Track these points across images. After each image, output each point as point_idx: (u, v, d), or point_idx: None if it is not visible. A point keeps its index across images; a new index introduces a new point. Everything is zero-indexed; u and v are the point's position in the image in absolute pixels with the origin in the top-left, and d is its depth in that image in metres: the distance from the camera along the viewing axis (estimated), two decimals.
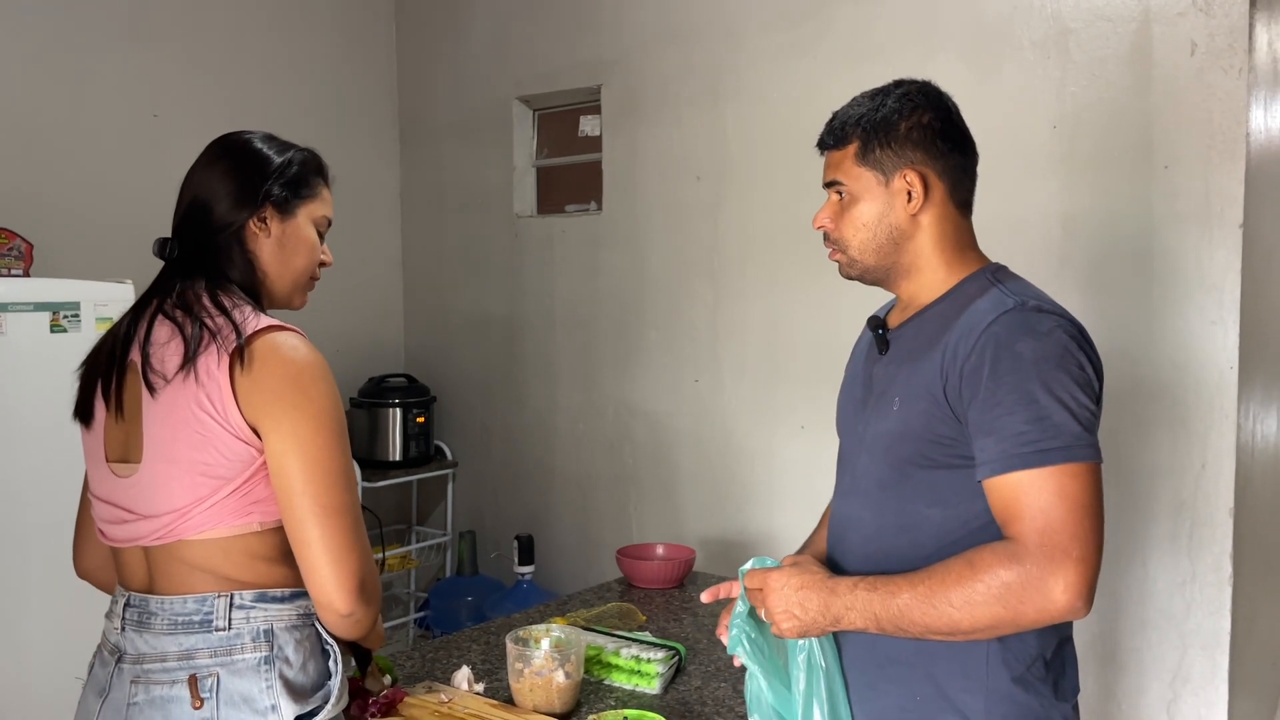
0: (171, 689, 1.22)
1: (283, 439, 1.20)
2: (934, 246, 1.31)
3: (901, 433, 1.26)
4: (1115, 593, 2.40)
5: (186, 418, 1.22)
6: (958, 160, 1.32)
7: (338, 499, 1.21)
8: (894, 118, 1.29)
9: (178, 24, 3.29)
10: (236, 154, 1.35)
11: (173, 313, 1.27)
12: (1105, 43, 2.39)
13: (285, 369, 1.23)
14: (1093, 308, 2.41)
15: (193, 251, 1.31)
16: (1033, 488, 1.13)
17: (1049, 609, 1.11)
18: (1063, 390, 1.15)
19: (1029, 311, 1.20)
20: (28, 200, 2.83)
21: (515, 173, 3.60)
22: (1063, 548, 1.11)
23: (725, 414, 3.09)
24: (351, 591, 1.20)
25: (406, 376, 3.73)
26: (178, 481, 1.23)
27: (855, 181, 1.31)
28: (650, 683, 1.66)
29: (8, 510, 2.30)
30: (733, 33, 3.00)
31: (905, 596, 1.17)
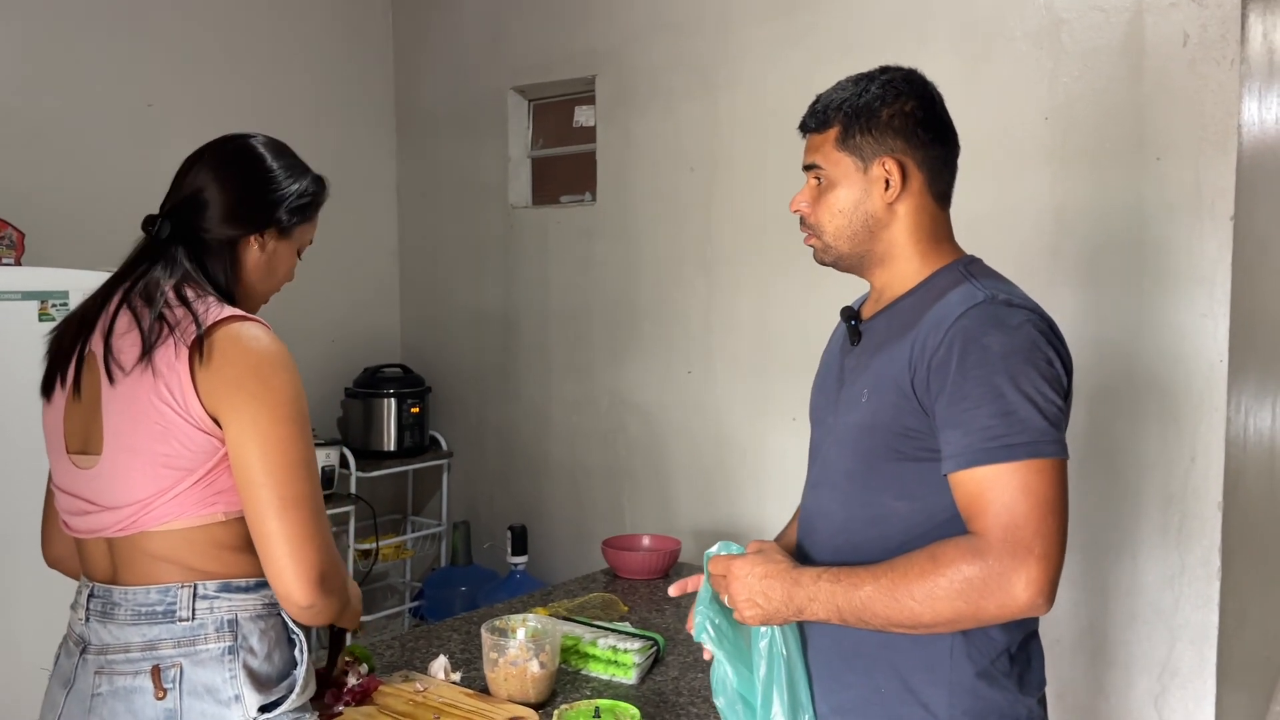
0: (135, 679, 1.23)
1: (243, 429, 1.20)
2: (909, 236, 1.30)
3: (870, 425, 1.26)
4: (1104, 586, 2.39)
5: (146, 409, 1.22)
6: (938, 151, 1.30)
7: (297, 490, 1.20)
8: (876, 104, 1.28)
9: (173, 14, 3.29)
10: (254, 168, 1.36)
11: (134, 302, 1.27)
12: (1098, 33, 2.37)
13: (245, 358, 1.22)
14: (1083, 300, 2.40)
15: (179, 239, 1.31)
16: (997, 483, 1.12)
17: (1010, 605, 1.11)
18: (1030, 385, 1.14)
19: (999, 305, 1.19)
20: (21, 190, 2.83)
21: (510, 163, 3.59)
22: (1025, 544, 1.10)
23: (718, 405, 3.09)
24: (311, 583, 1.20)
25: (402, 367, 3.73)
26: (139, 473, 1.23)
27: (834, 166, 1.29)
28: (627, 673, 1.67)
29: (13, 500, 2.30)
30: (726, 23, 2.99)
31: (868, 589, 1.16)
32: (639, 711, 1.48)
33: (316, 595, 1.20)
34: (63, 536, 1.35)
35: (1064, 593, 2.40)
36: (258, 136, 1.41)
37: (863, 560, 1.23)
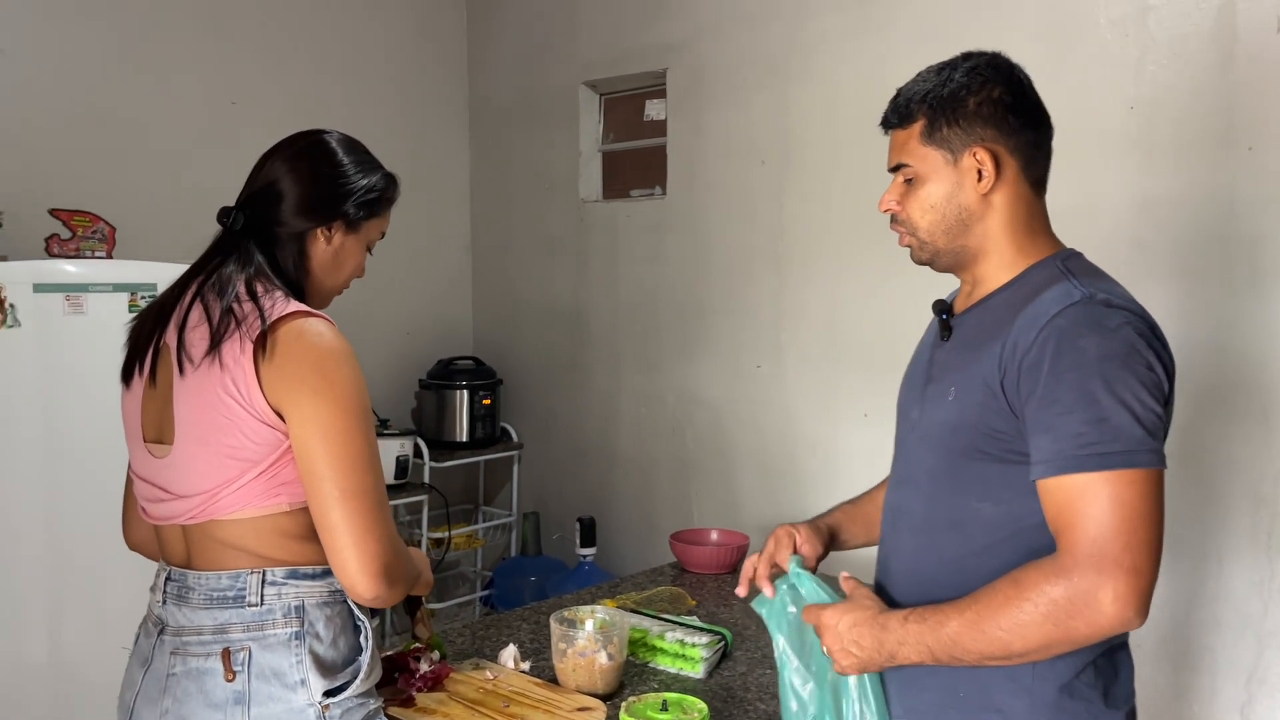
0: (207, 661, 1.26)
1: (305, 423, 1.23)
2: (1004, 228, 1.25)
3: (955, 423, 1.22)
4: (1188, 590, 2.32)
5: (213, 402, 1.25)
6: (1031, 136, 1.26)
7: (359, 482, 1.22)
8: (962, 93, 1.23)
9: (256, 14, 3.38)
10: (326, 161, 1.39)
11: (207, 296, 1.30)
12: (1186, 19, 2.29)
13: (308, 354, 1.24)
14: (1170, 295, 2.33)
15: (252, 230, 1.35)
16: (1087, 493, 1.08)
17: (1099, 622, 1.07)
18: (1126, 391, 1.09)
19: (1097, 305, 1.14)
20: (112, 185, 2.94)
21: (581, 158, 3.61)
22: (1113, 557, 1.06)
23: (786, 401, 3.07)
24: (374, 575, 1.22)
25: (474, 359, 3.78)
26: (206, 464, 1.26)
27: (922, 162, 1.25)
28: (694, 666, 1.67)
29: (87, 482, 2.39)
30: (799, 13, 2.96)
31: (954, 625, 1.13)
32: (706, 706, 1.48)
33: (381, 586, 1.23)
34: (142, 521, 1.40)
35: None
36: (332, 133, 1.43)
37: (944, 562, 1.23)
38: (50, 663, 2.37)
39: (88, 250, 2.66)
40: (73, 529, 2.38)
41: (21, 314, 2.30)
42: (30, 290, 2.32)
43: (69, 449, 2.36)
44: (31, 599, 2.36)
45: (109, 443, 2.40)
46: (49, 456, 2.34)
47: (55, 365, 2.34)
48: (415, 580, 1.38)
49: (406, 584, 1.31)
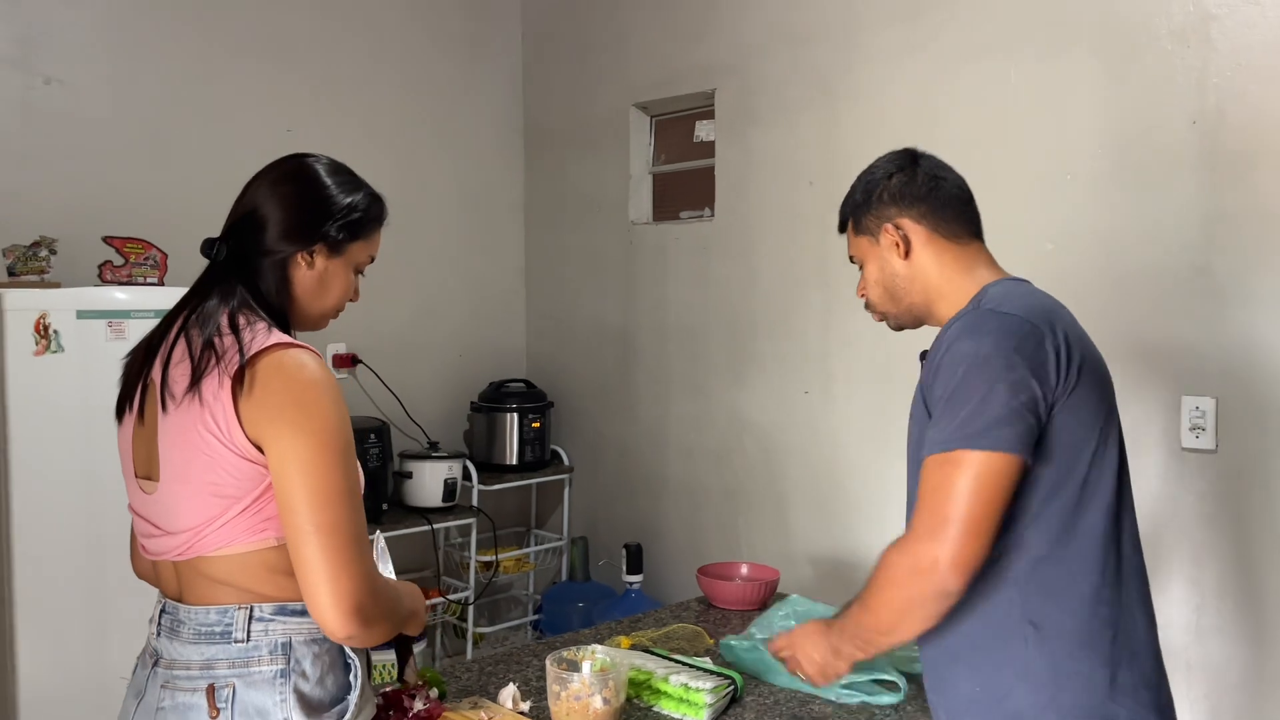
0: (193, 696, 1.25)
1: (282, 457, 1.21)
2: (938, 279, 1.46)
3: (917, 439, 1.38)
4: (1256, 635, 2.16)
5: (194, 439, 1.24)
6: (930, 203, 1.46)
7: (334, 517, 1.20)
8: (868, 190, 1.50)
9: (311, 43, 3.44)
10: (305, 184, 1.37)
11: (190, 330, 1.29)
12: (1251, 30, 2.16)
13: (287, 387, 1.23)
14: (1233, 321, 2.18)
15: (235, 261, 1.33)
16: (933, 472, 1.28)
17: (932, 581, 1.24)
18: (983, 384, 1.26)
19: (981, 313, 1.34)
20: (166, 212, 3.01)
21: (631, 180, 3.58)
22: (933, 527, 1.24)
23: (835, 428, 2.98)
24: (346, 614, 1.19)
25: (525, 382, 3.78)
26: (190, 501, 1.25)
27: (859, 250, 1.52)
28: (698, 713, 1.60)
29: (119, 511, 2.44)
30: (847, 31, 2.89)
31: (855, 612, 1.35)
32: None
33: (354, 626, 1.20)
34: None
35: (1210, 640, 2.19)
36: (317, 156, 1.41)
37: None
38: (89, 679, 2.42)
39: (139, 277, 2.73)
40: (111, 546, 2.42)
41: (65, 340, 2.37)
42: (74, 316, 2.39)
43: (107, 470, 2.40)
44: (73, 614, 2.42)
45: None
46: (88, 477, 2.40)
47: (96, 389, 2.37)
48: (402, 619, 1.34)
49: (389, 623, 1.28)
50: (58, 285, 2.59)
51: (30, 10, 2.90)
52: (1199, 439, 2.24)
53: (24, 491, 2.36)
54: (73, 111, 2.96)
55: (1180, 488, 2.27)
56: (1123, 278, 2.36)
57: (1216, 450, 2.22)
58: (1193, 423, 2.25)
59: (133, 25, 3.07)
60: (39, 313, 2.35)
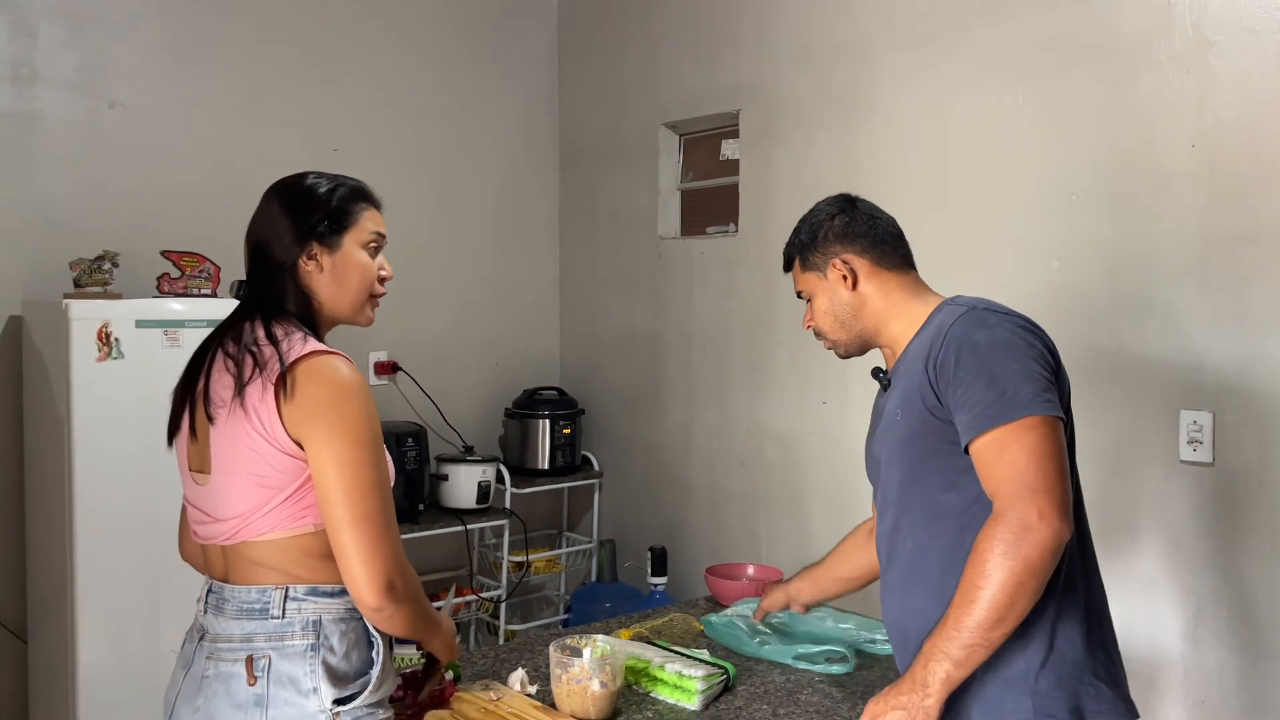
0: (234, 666, 1.40)
1: (319, 453, 1.36)
2: (886, 304, 1.60)
3: (907, 435, 1.51)
4: (1250, 644, 2.23)
5: (241, 437, 1.39)
6: (869, 240, 1.62)
7: (368, 506, 1.35)
8: (813, 231, 1.66)
9: (357, 67, 3.63)
10: (284, 196, 1.50)
11: (228, 348, 1.45)
12: (1249, 55, 2.23)
13: (322, 390, 1.37)
14: (1231, 337, 2.25)
15: (258, 289, 1.49)
16: (999, 443, 1.36)
17: (1040, 540, 1.31)
18: (1013, 362, 1.39)
19: (980, 312, 1.48)
20: (220, 227, 3.16)
21: (660, 196, 3.72)
22: (1030, 485, 1.33)
23: (852, 436, 3.07)
24: (379, 590, 1.34)
25: (558, 390, 3.92)
26: (238, 491, 1.41)
27: (806, 285, 1.67)
28: (690, 698, 1.72)
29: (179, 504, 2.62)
30: (865, 54, 2.99)
31: (949, 616, 1.35)
32: None
33: (385, 599, 1.35)
34: (190, 539, 1.56)
35: (1207, 648, 2.25)
36: (297, 175, 1.54)
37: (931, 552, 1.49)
38: (147, 664, 2.60)
39: (195, 289, 2.92)
40: (164, 536, 2.60)
41: (125, 347, 2.56)
42: (133, 326, 2.58)
43: (162, 467, 2.57)
44: (128, 598, 2.61)
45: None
46: (143, 473, 2.59)
47: (152, 394, 2.55)
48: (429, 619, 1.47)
49: (416, 606, 1.42)
50: (119, 296, 2.79)
51: (95, 40, 3.11)
52: (1196, 452, 2.31)
53: (85, 486, 2.55)
54: (134, 133, 3.18)
55: (1178, 499, 2.34)
56: (1124, 294, 2.43)
57: (1213, 463, 2.29)
58: (1190, 436, 2.32)
59: (190, 53, 3.28)
60: (101, 322, 2.55)
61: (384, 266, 1.55)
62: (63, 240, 2.97)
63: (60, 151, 3.06)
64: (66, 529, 2.55)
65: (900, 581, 1.56)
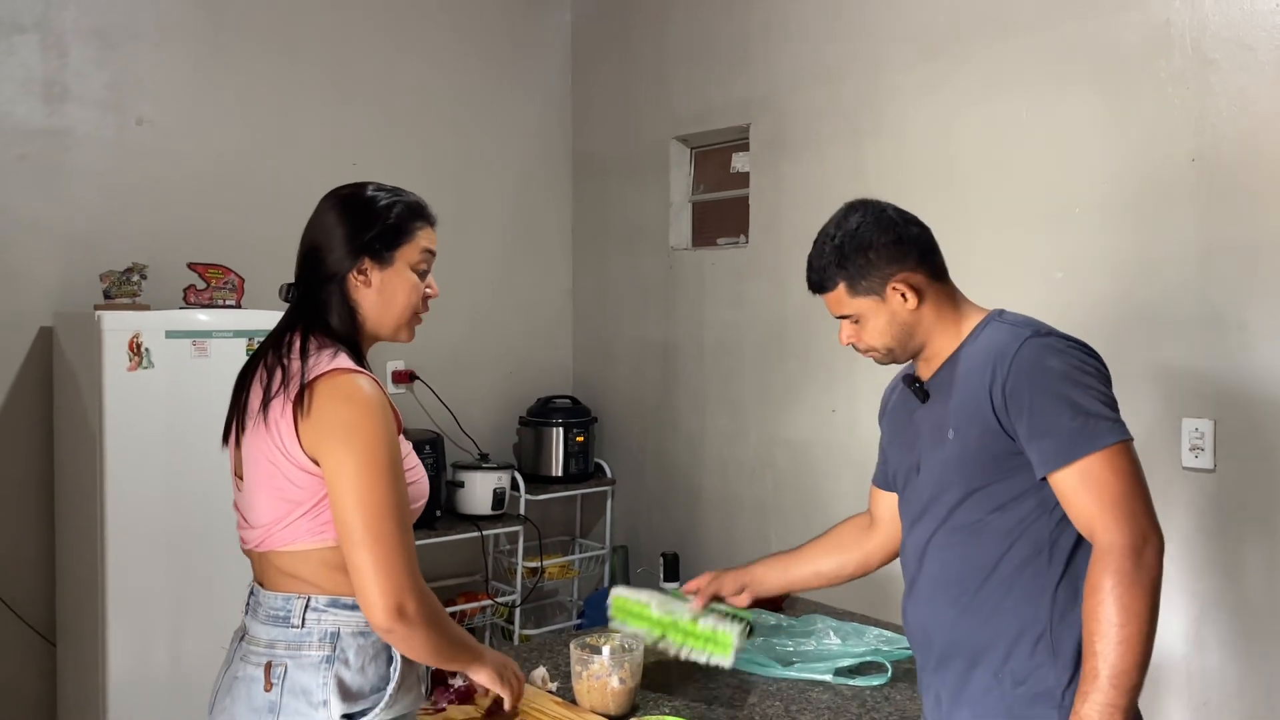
0: (256, 670, 1.42)
1: (334, 472, 1.36)
2: (938, 317, 1.56)
3: (961, 456, 1.49)
4: (1251, 648, 2.28)
5: (266, 451, 1.41)
6: (919, 249, 1.56)
7: (380, 527, 1.34)
8: (858, 256, 1.54)
9: (375, 84, 3.72)
10: (343, 205, 1.49)
11: (269, 359, 1.45)
12: (1246, 73, 2.29)
13: (337, 409, 1.37)
14: (1230, 347, 2.31)
15: (305, 298, 1.48)
16: (1089, 471, 1.37)
17: (1155, 559, 1.35)
18: (1090, 390, 1.41)
19: (1043, 338, 1.47)
20: (244, 240, 3.30)
21: (672, 208, 3.79)
22: (1130, 511, 1.36)
23: (860, 445, 3.13)
24: (389, 610, 1.32)
25: (571, 398, 3.99)
26: (264, 502, 1.43)
27: (858, 310, 1.57)
28: (726, 651, 1.77)
29: (209, 509, 2.70)
30: (873, 71, 3.07)
31: (1098, 678, 1.33)
32: None
33: (395, 621, 1.33)
34: None
35: (1211, 650, 2.30)
36: (359, 184, 1.53)
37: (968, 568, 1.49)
38: (175, 668, 2.68)
39: (220, 300, 3.01)
40: (193, 540, 2.70)
41: (155, 357, 2.64)
42: (163, 336, 2.66)
43: (190, 474, 2.68)
44: (157, 605, 2.68)
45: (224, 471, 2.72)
46: (173, 480, 2.67)
47: (181, 402, 2.67)
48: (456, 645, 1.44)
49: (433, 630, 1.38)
50: (147, 307, 2.87)
51: (124, 59, 3.21)
52: (1198, 459, 2.36)
53: (116, 492, 2.63)
54: (161, 149, 3.27)
55: (1180, 505, 2.40)
56: (1127, 305, 2.49)
57: (1215, 470, 2.34)
58: (1192, 443, 2.37)
59: (214, 71, 3.37)
60: (133, 332, 2.63)
61: (431, 285, 1.54)
62: (92, 253, 3.06)
63: (90, 167, 3.15)
64: (98, 534, 2.63)
65: (929, 592, 1.55)
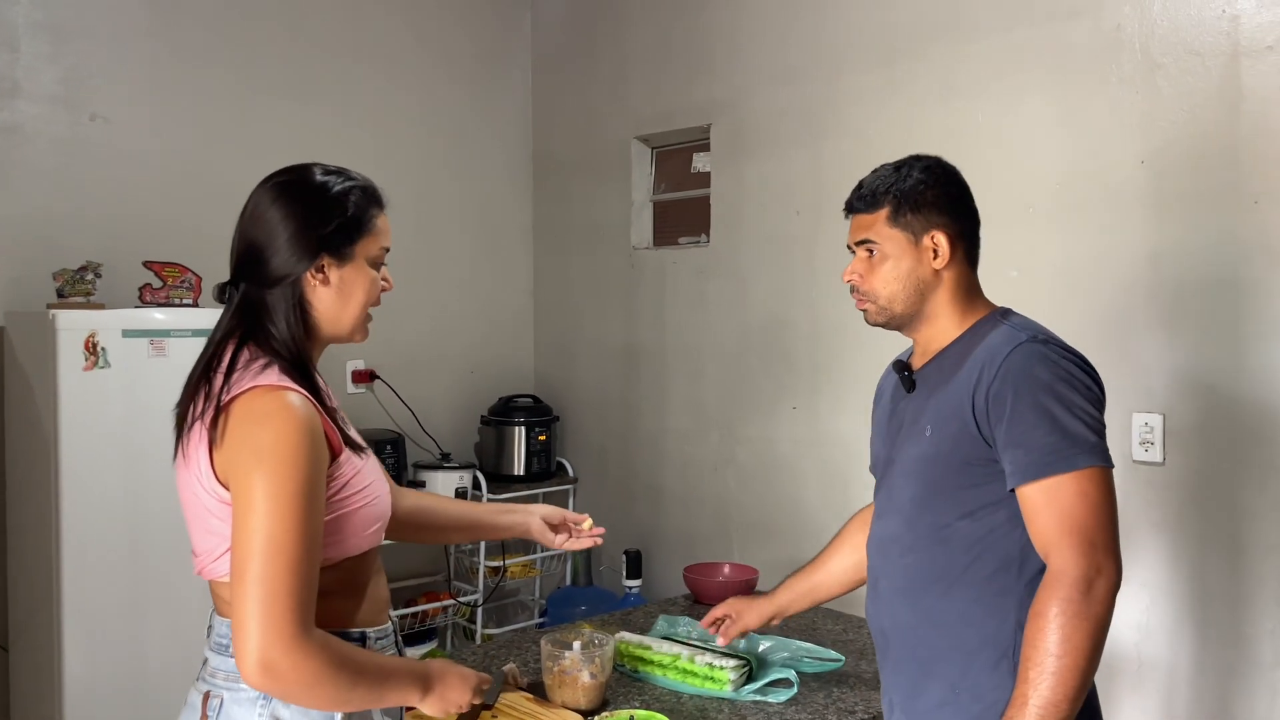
0: (196, 697, 1.32)
1: (237, 498, 1.22)
2: (951, 297, 1.50)
3: (934, 455, 1.44)
4: (1203, 636, 2.35)
5: (187, 480, 1.29)
6: (970, 225, 1.53)
7: (266, 566, 1.17)
8: (921, 187, 1.49)
9: (334, 82, 3.69)
10: (289, 196, 1.31)
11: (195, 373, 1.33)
12: (1194, 77, 2.36)
13: (249, 431, 1.22)
14: (1181, 343, 2.38)
15: (247, 301, 1.32)
16: (1056, 490, 1.32)
17: (1103, 595, 1.30)
18: (1076, 406, 1.34)
19: (1039, 344, 1.40)
20: (201, 237, 3.22)
21: (633, 207, 3.81)
22: (1089, 540, 1.30)
23: (820, 442, 3.18)
24: (255, 665, 1.17)
25: (533, 397, 3.99)
26: (195, 532, 1.32)
27: (887, 241, 1.49)
28: (722, 688, 1.81)
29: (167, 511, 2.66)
30: (832, 73, 3.11)
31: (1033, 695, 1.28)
32: None
33: (260, 679, 1.18)
34: None
35: (1158, 640, 2.37)
36: (292, 170, 1.37)
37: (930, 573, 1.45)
38: (130, 685, 2.63)
39: (176, 298, 2.96)
40: (151, 546, 2.66)
41: (111, 357, 2.60)
42: (120, 335, 2.62)
43: (149, 476, 2.64)
44: (115, 615, 2.63)
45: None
46: (131, 483, 2.62)
47: (138, 403, 2.63)
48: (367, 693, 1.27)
49: (325, 690, 1.22)
50: (102, 306, 2.83)
51: (77, 53, 3.15)
52: (1148, 452, 2.43)
53: (72, 495, 2.58)
54: (115, 145, 3.21)
55: (1131, 497, 2.46)
56: (1078, 303, 2.56)
57: (1164, 463, 2.41)
58: (1142, 438, 2.44)
59: (170, 66, 3.32)
60: (89, 332, 2.59)
61: (386, 278, 1.39)
62: (44, 251, 3.00)
63: (42, 164, 3.09)
64: (53, 537, 2.58)
65: (890, 593, 1.52)
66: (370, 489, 1.35)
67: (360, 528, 1.33)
